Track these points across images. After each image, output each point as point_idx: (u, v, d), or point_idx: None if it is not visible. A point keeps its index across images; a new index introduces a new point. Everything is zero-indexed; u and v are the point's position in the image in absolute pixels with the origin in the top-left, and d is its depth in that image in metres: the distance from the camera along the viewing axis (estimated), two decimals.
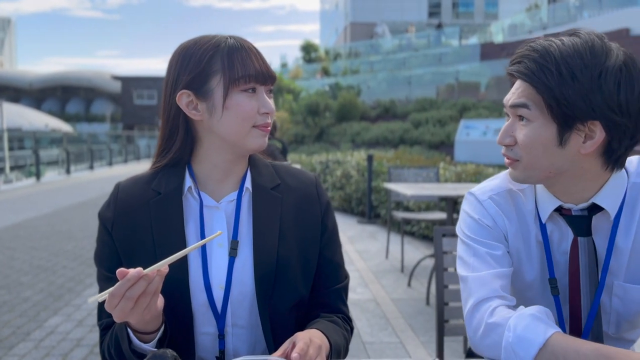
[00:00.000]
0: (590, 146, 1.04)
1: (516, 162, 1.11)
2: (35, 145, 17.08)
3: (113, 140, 28.50)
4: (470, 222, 1.24)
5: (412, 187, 4.66)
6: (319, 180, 1.31)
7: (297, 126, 19.74)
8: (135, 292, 0.90)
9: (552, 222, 1.19)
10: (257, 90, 1.13)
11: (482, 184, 1.29)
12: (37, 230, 7.61)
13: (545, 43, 1.05)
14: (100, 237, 1.20)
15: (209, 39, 1.13)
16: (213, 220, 1.18)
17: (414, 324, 3.83)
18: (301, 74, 31.54)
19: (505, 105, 1.13)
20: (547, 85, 1.00)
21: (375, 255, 5.95)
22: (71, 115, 59.84)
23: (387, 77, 25.56)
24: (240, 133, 1.13)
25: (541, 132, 1.05)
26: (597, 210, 1.14)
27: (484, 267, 1.17)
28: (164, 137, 1.20)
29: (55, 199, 11.33)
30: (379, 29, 41.81)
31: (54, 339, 3.59)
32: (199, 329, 1.17)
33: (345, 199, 9.02)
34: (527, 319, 1.01)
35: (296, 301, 1.20)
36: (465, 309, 1.17)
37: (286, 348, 0.99)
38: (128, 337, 1.04)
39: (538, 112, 1.04)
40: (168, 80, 1.15)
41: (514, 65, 1.08)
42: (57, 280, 5.01)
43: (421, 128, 15.65)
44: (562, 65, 1.00)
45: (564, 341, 0.96)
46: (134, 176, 1.25)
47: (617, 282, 1.17)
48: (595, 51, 1.01)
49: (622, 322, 1.21)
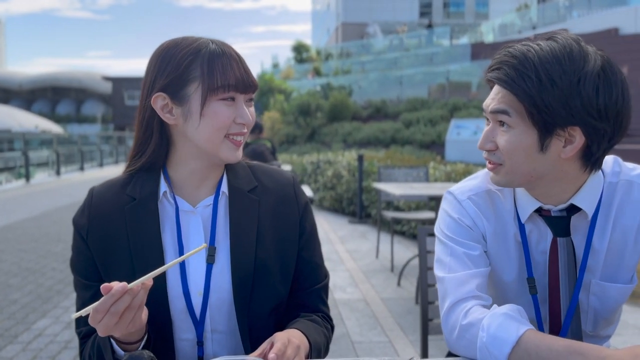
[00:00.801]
0: (570, 151, 1.06)
1: (499, 167, 1.12)
2: (24, 147, 16.92)
3: (104, 141, 28.32)
4: (450, 221, 1.25)
5: (401, 187, 4.67)
6: (297, 180, 1.30)
7: (288, 126, 19.72)
8: (120, 307, 0.89)
9: (531, 222, 1.20)
10: (236, 99, 1.11)
11: (461, 183, 1.30)
12: (26, 232, 7.55)
13: (522, 48, 1.05)
14: (75, 245, 1.18)
15: (191, 42, 1.11)
16: (189, 226, 1.17)
17: (402, 323, 3.84)
18: (293, 74, 31.52)
19: (485, 110, 1.13)
20: (527, 92, 1.01)
21: (366, 255, 5.96)
22: (62, 116, 59.38)
23: (379, 77, 25.61)
24: (213, 142, 1.11)
25: (522, 139, 1.06)
26: (575, 210, 1.16)
27: (460, 267, 1.18)
28: (138, 139, 1.18)
29: (44, 201, 11.24)
30: (371, 29, 41.88)
31: (42, 341, 3.57)
32: (178, 335, 1.16)
33: (336, 199, 9.03)
34: (500, 318, 1.02)
35: (275, 304, 1.19)
36: (442, 311, 1.18)
37: (264, 348, 0.99)
38: (111, 347, 1.03)
39: (519, 118, 1.05)
40: (146, 81, 1.13)
41: (493, 72, 1.08)
42: (45, 283, 4.97)
43: (412, 128, 15.69)
44: (542, 72, 1.00)
45: (537, 338, 0.98)
46: (108, 181, 1.23)
47: (595, 280, 1.19)
48: (573, 56, 1.01)
49: (599, 320, 1.23)
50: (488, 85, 1.16)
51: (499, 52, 1.09)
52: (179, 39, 1.13)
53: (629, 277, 1.21)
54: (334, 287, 4.72)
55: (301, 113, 19.53)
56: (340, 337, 3.57)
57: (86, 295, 1.15)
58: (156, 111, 1.11)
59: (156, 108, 1.11)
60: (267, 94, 23.74)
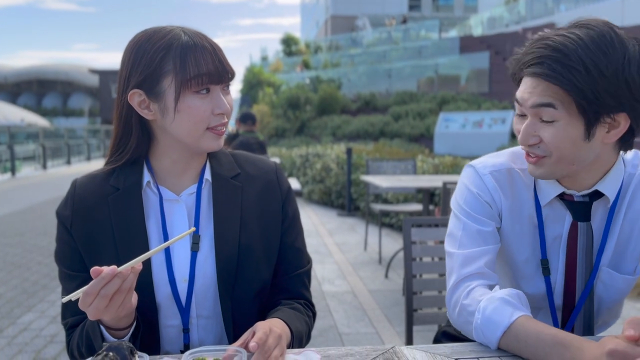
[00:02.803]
0: (615, 135, 1.07)
1: (543, 159, 1.11)
2: (10, 140, 16.73)
3: (91, 134, 28.06)
4: (468, 194, 1.25)
5: (389, 180, 4.69)
6: (279, 167, 1.31)
7: (277, 120, 19.65)
8: (110, 290, 0.90)
9: (548, 206, 1.22)
10: (211, 90, 1.10)
11: (484, 158, 1.30)
12: (11, 227, 7.48)
13: (561, 40, 1.02)
14: (59, 236, 1.18)
15: (163, 35, 1.09)
16: (174, 214, 1.17)
17: (390, 314, 3.86)
18: (282, 67, 31.37)
19: (520, 104, 1.10)
20: (577, 85, 1.00)
21: (354, 247, 5.97)
22: (48, 109, 58.67)
23: (368, 70, 25.56)
24: (193, 135, 1.11)
25: (569, 130, 1.05)
26: (597, 196, 1.17)
27: (471, 244, 1.19)
28: (117, 135, 1.17)
29: (30, 195, 11.13)
30: (360, 22, 41.79)
31: (27, 335, 3.54)
32: (164, 321, 1.16)
33: (325, 192, 9.03)
34: (496, 302, 1.05)
35: (259, 289, 1.20)
36: (448, 285, 1.20)
37: (246, 338, 0.99)
38: (101, 334, 1.03)
39: (564, 111, 1.04)
40: (121, 75, 1.13)
41: (535, 67, 1.05)
42: (31, 277, 4.93)
43: (401, 121, 15.70)
44: (589, 64, 0.99)
45: (528, 325, 1.00)
46: (91, 172, 1.23)
47: (605, 268, 1.21)
48: (614, 44, 1.01)
49: (601, 309, 1.25)
50: (514, 79, 1.14)
51: (532, 45, 1.07)
52: (150, 31, 1.11)
53: (632, 268, 1.23)
54: (322, 279, 4.73)
55: (290, 106, 19.47)
56: (328, 328, 3.58)
57: (71, 285, 1.14)
58: (133, 107, 1.11)
59: (133, 104, 1.11)
60: (256, 87, 23.62)
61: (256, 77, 24.04)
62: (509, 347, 1.02)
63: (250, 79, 24.42)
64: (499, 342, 1.02)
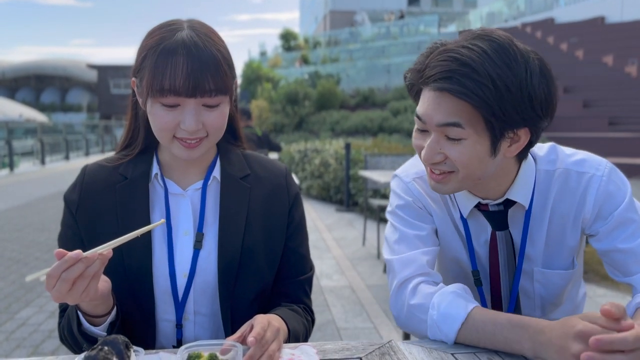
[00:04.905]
0: (516, 149, 1.07)
1: (450, 175, 1.08)
2: (8, 136, 16.67)
3: (90, 130, 28.00)
4: (399, 201, 1.26)
5: (387, 175, 4.68)
6: (289, 171, 1.31)
7: (276, 115, 19.61)
8: (72, 274, 0.88)
9: (471, 217, 1.22)
10: (182, 104, 1.04)
11: (406, 166, 1.31)
12: (9, 222, 7.47)
13: (467, 53, 0.98)
14: (64, 220, 1.19)
15: (163, 31, 1.06)
16: (179, 209, 1.18)
17: (388, 309, 3.86)
18: (280, 62, 31.30)
19: (423, 121, 1.06)
20: (486, 102, 0.97)
21: (352, 243, 5.98)
22: (46, 105, 58.55)
23: (367, 65, 25.53)
24: (162, 139, 1.10)
25: (476, 148, 1.03)
26: (511, 203, 1.17)
27: (408, 248, 1.19)
28: (130, 124, 1.19)
29: (29, 190, 11.11)
30: (359, 17, 41.69)
31: (25, 330, 3.54)
32: (161, 315, 1.16)
33: (324, 188, 9.02)
34: (449, 296, 1.06)
35: (259, 290, 1.20)
36: (390, 291, 1.20)
37: (244, 331, 0.99)
38: (78, 319, 1.03)
39: (471, 129, 1.01)
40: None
41: (441, 82, 0.99)
42: (29, 272, 4.92)
43: (400, 116, 15.69)
44: (496, 78, 0.97)
45: (483, 314, 1.01)
46: (102, 159, 1.23)
47: (537, 269, 1.21)
48: (517, 58, 0.99)
49: (546, 305, 1.26)
50: (410, 90, 1.11)
51: (435, 57, 1.02)
52: (161, 25, 1.10)
53: (569, 262, 1.23)
54: (320, 274, 4.73)
55: (289, 101, 19.43)
56: (326, 323, 3.59)
57: None
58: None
59: (135, 90, 1.13)
60: (255, 82, 23.55)
61: (255, 73, 23.98)
62: (466, 339, 1.02)
63: (248, 74, 24.34)
64: (457, 335, 1.02)
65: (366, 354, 1.01)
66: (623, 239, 1.12)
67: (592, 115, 13.17)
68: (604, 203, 1.13)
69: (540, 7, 23.70)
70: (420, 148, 1.10)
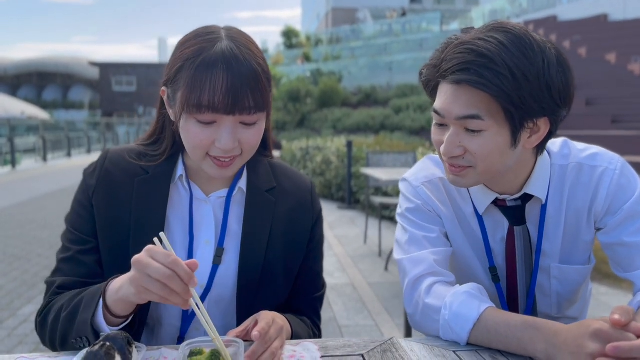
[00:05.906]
0: (536, 140, 1.06)
1: (468, 169, 1.08)
2: (10, 133, 16.68)
3: (91, 127, 28.02)
4: (409, 205, 1.25)
5: (388, 172, 4.68)
6: (314, 186, 1.28)
7: (278, 112, 19.61)
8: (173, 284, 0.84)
9: (488, 213, 1.21)
10: (219, 121, 0.99)
11: (414, 169, 1.30)
12: (12, 219, 7.48)
13: (484, 44, 0.98)
14: (78, 198, 1.14)
15: (200, 41, 1.00)
16: (201, 215, 1.14)
17: (389, 307, 3.87)
18: (282, 60, 31.29)
19: (442, 116, 1.06)
20: (505, 91, 0.97)
21: (354, 240, 5.98)
22: (48, 102, 58.54)
23: (369, 63, 25.51)
24: (194, 156, 1.05)
25: (496, 140, 1.03)
26: (529, 198, 1.17)
27: (418, 249, 1.19)
28: (156, 123, 1.16)
29: (31, 187, 11.13)
30: (361, 15, 41.64)
31: (27, 327, 3.55)
32: (167, 320, 1.14)
33: (326, 185, 9.02)
34: (462, 296, 1.04)
35: (275, 307, 1.17)
36: (403, 289, 1.19)
37: (247, 325, 0.99)
38: (96, 308, 0.96)
39: (491, 120, 1.01)
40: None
41: (460, 74, 0.99)
42: (31, 269, 4.94)
43: (402, 114, 15.67)
44: (514, 68, 0.97)
45: (496, 315, 1.00)
46: (126, 147, 1.18)
47: (554, 264, 1.21)
48: (534, 47, 0.99)
49: (562, 302, 1.26)
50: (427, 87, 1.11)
51: (452, 50, 1.02)
52: (197, 31, 1.04)
53: (586, 257, 1.23)
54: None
55: (291, 99, 19.42)
56: (327, 321, 3.59)
57: (74, 248, 1.11)
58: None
59: (165, 99, 1.09)
60: None
61: None
62: (478, 340, 1.01)
63: None
64: (470, 335, 1.01)
65: (368, 351, 1.01)
66: (630, 233, 1.12)
67: (595, 113, 13.13)
68: (615, 196, 1.13)
69: (543, 4, 23.64)
70: (439, 143, 1.09)
